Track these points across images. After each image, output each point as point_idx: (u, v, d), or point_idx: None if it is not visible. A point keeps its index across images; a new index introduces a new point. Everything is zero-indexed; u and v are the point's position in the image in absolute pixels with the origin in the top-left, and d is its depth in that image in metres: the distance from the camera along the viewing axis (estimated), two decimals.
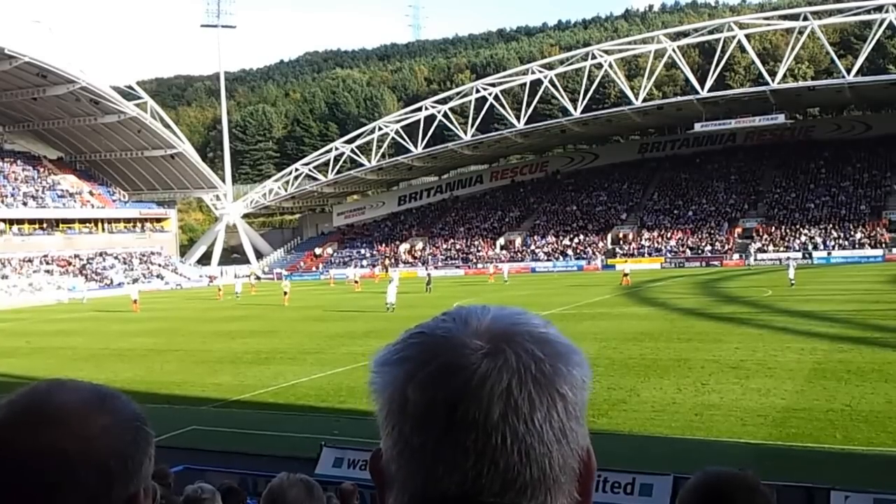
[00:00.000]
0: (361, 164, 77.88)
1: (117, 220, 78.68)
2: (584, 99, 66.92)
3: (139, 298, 45.60)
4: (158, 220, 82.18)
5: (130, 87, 73.55)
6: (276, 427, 15.05)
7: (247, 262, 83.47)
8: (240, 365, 22.32)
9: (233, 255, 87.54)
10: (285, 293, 44.55)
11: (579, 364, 0.82)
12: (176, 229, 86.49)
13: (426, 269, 60.75)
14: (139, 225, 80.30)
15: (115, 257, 74.39)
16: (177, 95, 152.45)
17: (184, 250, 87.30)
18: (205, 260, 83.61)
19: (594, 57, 68.27)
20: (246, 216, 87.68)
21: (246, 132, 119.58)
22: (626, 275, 47.48)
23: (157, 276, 73.49)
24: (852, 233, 62.38)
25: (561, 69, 70.74)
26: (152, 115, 73.79)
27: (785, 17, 66.22)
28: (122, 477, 0.91)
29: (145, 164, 79.62)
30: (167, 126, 76.27)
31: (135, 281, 67.08)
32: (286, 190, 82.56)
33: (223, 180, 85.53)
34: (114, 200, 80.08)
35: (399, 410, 0.80)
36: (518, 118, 69.61)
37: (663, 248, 67.98)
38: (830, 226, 64.19)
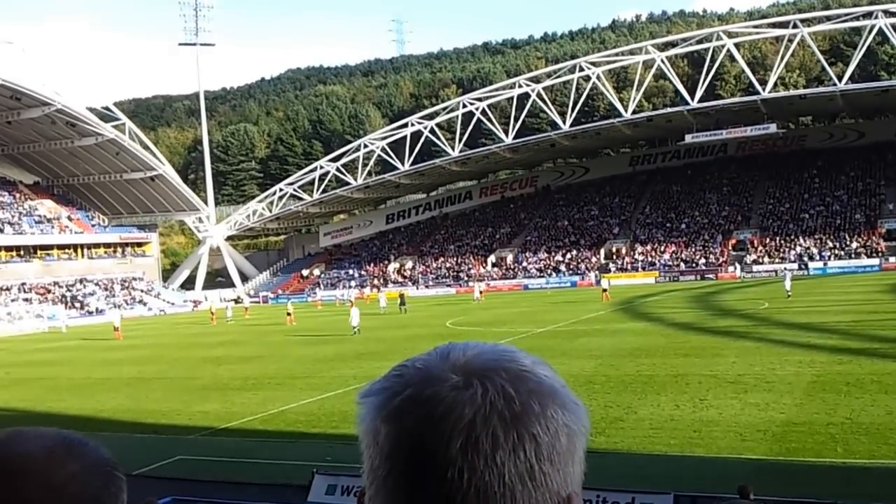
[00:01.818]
0: (347, 183, 78.04)
1: (97, 246, 78.28)
2: (572, 112, 67.47)
3: (122, 325, 45.38)
4: (139, 245, 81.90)
5: (108, 109, 73.34)
6: (266, 455, 14.97)
7: (232, 285, 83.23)
8: (227, 392, 22.19)
9: (217, 278, 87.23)
10: (289, 314, 45.87)
11: (562, 406, 0.80)
12: (158, 253, 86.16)
13: (400, 288, 60.49)
14: (120, 250, 79.91)
15: (96, 284, 73.96)
16: (156, 116, 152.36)
17: (166, 275, 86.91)
18: (188, 284, 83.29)
19: (582, 69, 68.92)
20: (230, 238, 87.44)
21: (228, 152, 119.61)
22: (604, 290, 47.28)
23: (140, 302, 73.13)
24: (848, 242, 62.95)
25: (548, 82, 71.33)
26: (131, 137, 73.68)
27: (774, 26, 67.12)
28: None
29: (125, 187, 79.41)
30: (146, 147, 76.12)
31: (117, 307, 66.73)
32: (270, 211, 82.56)
33: (205, 202, 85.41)
34: (93, 225, 79.78)
35: (373, 442, 0.80)
36: (506, 133, 70.07)
37: (657, 262, 68.35)
38: (826, 236, 64.76)
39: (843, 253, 62.09)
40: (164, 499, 9.78)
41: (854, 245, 62.34)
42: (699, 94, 63.69)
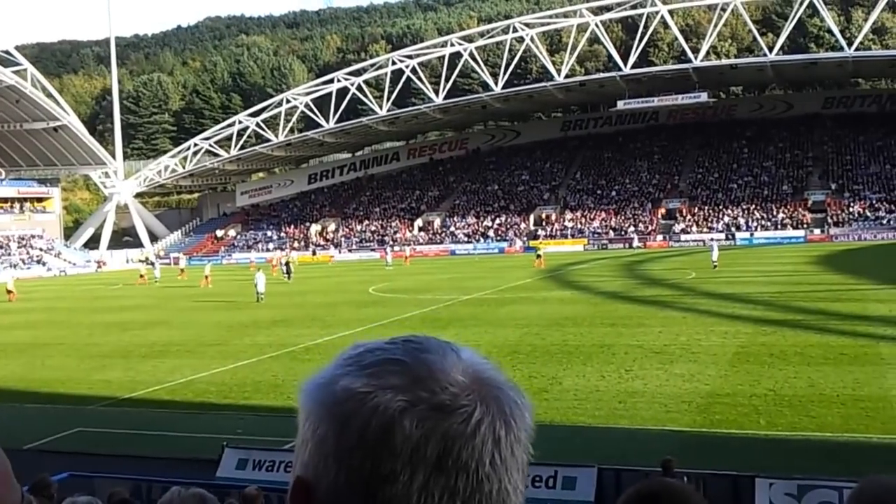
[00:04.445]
0: (268, 140, 76.24)
1: None
2: (505, 74, 67.37)
3: (16, 287, 43.23)
4: (40, 200, 79.00)
5: (8, 53, 69.75)
6: (173, 427, 14.54)
7: (140, 245, 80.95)
8: (131, 359, 21.47)
9: (124, 237, 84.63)
10: (206, 276, 44.82)
11: (532, 414, 0.86)
12: (60, 210, 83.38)
13: (285, 254, 58.94)
14: (17, 205, 76.98)
15: None
16: (61, 62, 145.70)
17: (69, 233, 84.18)
18: (92, 243, 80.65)
19: (515, 30, 68.78)
20: (139, 195, 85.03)
21: (139, 104, 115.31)
22: (538, 256, 47.58)
23: (38, 262, 70.40)
24: (775, 213, 65.22)
25: (481, 42, 70.97)
26: (33, 84, 70.22)
27: None
28: None
29: (25, 137, 75.79)
30: (50, 96, 72.96)
31: (13, 267, 63.89)
32: (184, 167, 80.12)
33: (113, 156, 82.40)
34: None
35: (380, 443, 0.78)
36: (436, 93, 69.49)
37: (586, 229, 69.37)
38: (753, 206, 66.92)
39: (769, 224, 64.33)
40: (60, 475, 9.17)
41: (780, 216, 64.62)
42: (632, 60, 64.42)
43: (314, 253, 71.60)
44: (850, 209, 63.53)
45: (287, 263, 47.25)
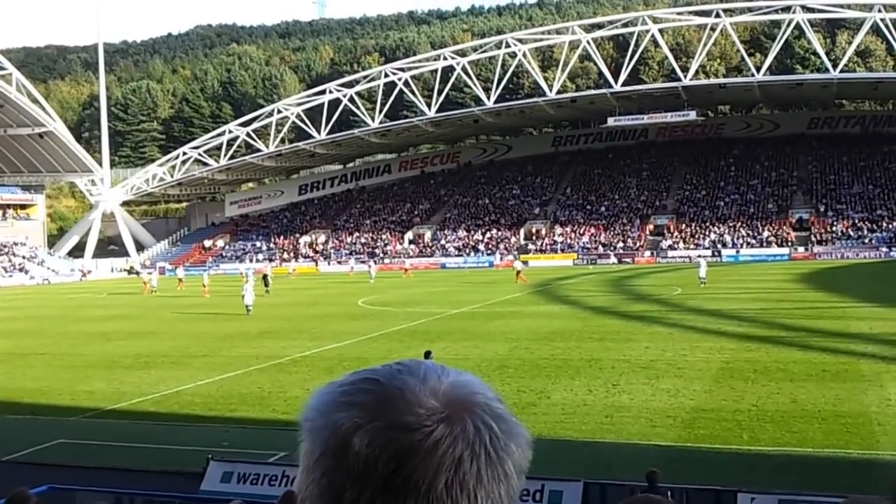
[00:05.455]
0: (258, 150, 76.22)
1: None
2: (497, 88, 67.79)
3: None
4: (23, 207, 78.57)
5: None
6: (157, 439, 14.34)
7: (125, 254, 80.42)
8: (116, 370, 21.24)
9: (109, 246, 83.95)
10: (204, 285, 45.01)
11: (526, 447, 0.84)
12: (44, 217, 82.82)
13: (268, 267, 59.16)
14: (0, 212, 76.50)
15: None
16: (48, 67, 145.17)
17: (53, 241, 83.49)
18: (77, 252, 79.95)
19: (508, 45, 69.28)
20: (125, 204, 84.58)
21: (127, 111, 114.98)
22: (518, 272, 46.12)
23: (21, 270, 69.78)
24: (760, 231, 65.83)
25: (474, 56, 71.36)
26: (18, 89, 69.81)
27: (697, 13, 69.05)
28: None
29: (9, 143, 75.38)
30: (35, 101, 72.55)
31: None
32: (172, 175, 79.87)
33: (100, 163, 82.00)
34: None
35: (336, 459, 0.79)
36: (429, 106, 69.78)
37: (576, 244, 69.72)
38: (739, 224, 67.53)
39: (755, 241, 64.90)
40: (40, 488, 9.03)
41: (765, 234, 65.23)
42: (623, 77, 64.95)
43: (316, 263, 71.70)
44: (834, 228, 64.20)
45: (265, 276, 47.17)
